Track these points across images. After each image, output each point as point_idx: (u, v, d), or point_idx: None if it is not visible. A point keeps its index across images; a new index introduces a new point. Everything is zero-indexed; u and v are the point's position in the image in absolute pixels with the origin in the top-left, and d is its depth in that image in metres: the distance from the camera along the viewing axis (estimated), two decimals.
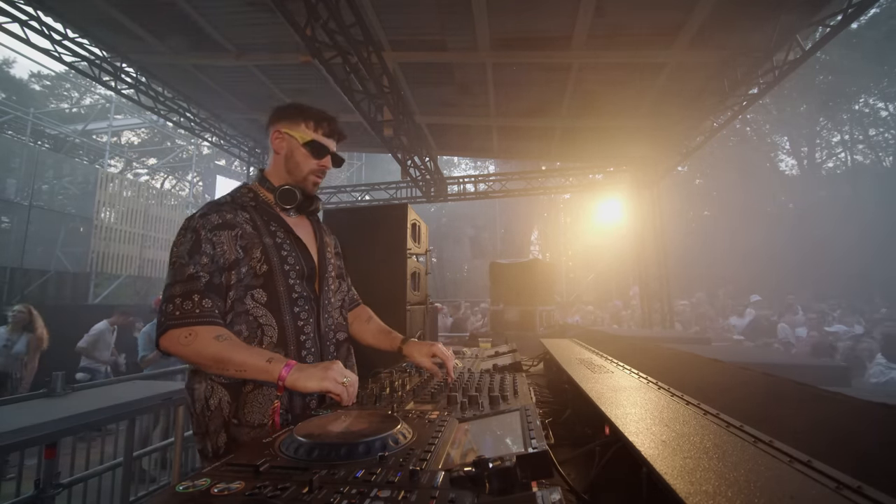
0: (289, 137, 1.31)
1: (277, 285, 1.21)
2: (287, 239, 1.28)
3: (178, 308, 1.07)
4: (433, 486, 0.56)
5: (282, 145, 1.32)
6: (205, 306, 1.09)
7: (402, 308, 2.78)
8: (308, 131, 1.32)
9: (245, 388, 1.15)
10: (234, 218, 1.21)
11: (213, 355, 1.04)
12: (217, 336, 1.06)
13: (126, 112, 15.99)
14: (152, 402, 2.58)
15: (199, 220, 1.18)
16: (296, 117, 1.32)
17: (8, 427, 1.80)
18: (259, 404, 1.14)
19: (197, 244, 1.13)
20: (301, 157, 1.32)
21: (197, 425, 1.15)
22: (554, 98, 5.93)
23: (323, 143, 1.33)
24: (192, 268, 1.11)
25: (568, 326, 6.42)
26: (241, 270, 1.17)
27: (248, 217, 1.24)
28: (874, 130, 18.03)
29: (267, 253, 1.21)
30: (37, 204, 11.13)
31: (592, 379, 1.28)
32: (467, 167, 22.61)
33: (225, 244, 1.16)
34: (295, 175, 1.33)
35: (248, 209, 1.26)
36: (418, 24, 4.64)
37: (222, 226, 1.18)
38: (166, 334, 1.06)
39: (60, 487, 2.35)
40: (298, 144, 1.31)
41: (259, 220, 1.25)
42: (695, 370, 1.39)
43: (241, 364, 1.04)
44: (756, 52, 4.61)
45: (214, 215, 1.19)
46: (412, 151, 6.93)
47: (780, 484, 0.51)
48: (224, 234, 1.17)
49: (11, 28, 4.66)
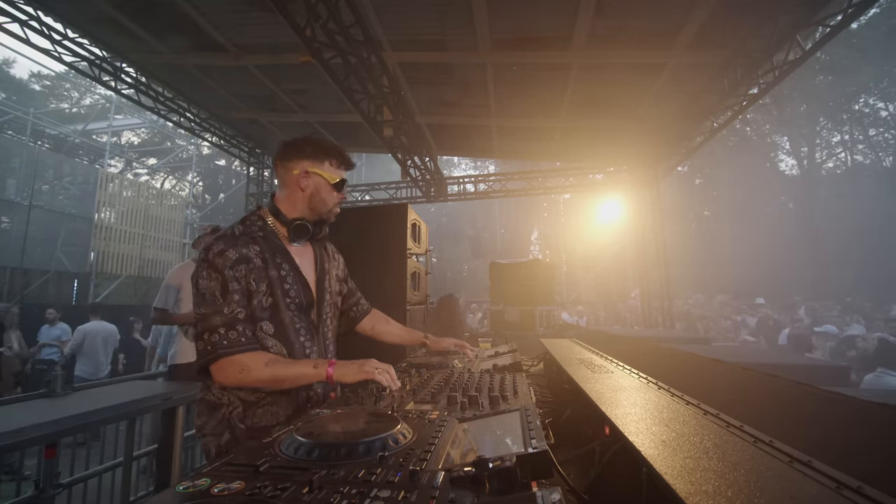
0: (316, 176, 1.36)
1: (283, 317, 1.29)
2: (291, 272, 1.33)
3: (225, 338, 1.17)
4: (433, 486, 0.56)
5: (308, 184, 1.36)
6: (248, 335, 1.21)
7: (402, 308, 2.78)
8: (333, 169, 1.38)
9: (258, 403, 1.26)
10: (248, 252, 1.26)
11: (271, 378, 1.19)
12: (266, 363, 1.19)
13: (126, 112, 15.99)
14: (152, 402, 2.58)
15: (218, 259, 1.22)
16: (319, 155, 1.37)
17: (8, 427, 1.80)
18: (269, 414, 1.26)
19: (225, 284, 1.20)
20: (327, 194, 1.38)
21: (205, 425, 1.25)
22: (554, 98, 5.93)
23: (344, 177, 1.41)
24: (227, 308, 1.20)
25: (568, 326, 6.42)
26: (253, 302, 1.25)
27: (258, 250, 1.28)
28: (874, 130, 18.03)
29: (272, 286, 1.28)
30: (37, 204, 11.14)
31: (592, 379, 1.28)
32: (467, 167, 22.62)
33: (243, 279, 1.24)
34: (320, 210, 1.39)
35: (257, 241, 1.30)
36: (418, 23, 4.64)
37: (239, 260, 1.24)
38: (218, 363, 1.17)
39: (60, 487, 2.35)
40: (327, 184, 1.37)
41: (267, 253, 1.30)
42: (695, 370, 1.39)
43: (295, 377, 1.22)
44: (756, 52, 4.61)
45: (231, 251, 1.24)
46: (412, 151, 6.93)
47: (780, 484, 0.51)
48: (242, 268, 1.24)
49: (11, 28, 4.65)
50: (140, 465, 3.72)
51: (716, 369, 1.30)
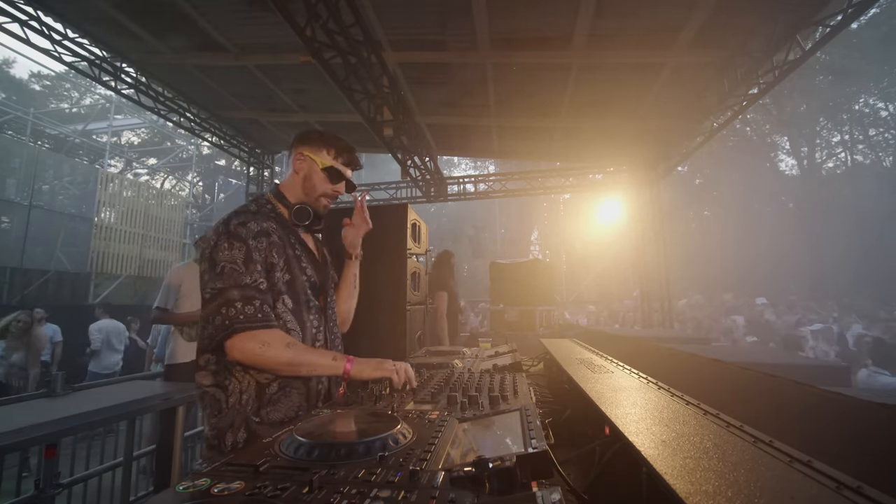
0: (310, 160, 1.40)
1: (299, 294, 1.30)
2: (303, 252, 1.36)
3: (241, 312, 1.13)
4: (433, 486, 0.56)
5: (302, 166, 1.40)
6: (265, 311, 1.17)
7: (402, 308, 2.78)
8: (328, 158, 1.41)
9: (269, 389, 1.21)
10: (267, 227, 1.26)
11: (288, 361, 1.16)
12: (287, 344, 1.17)
13: (126, 112, 15.99)
14: (152, 401, 2.58)
15: (241, 229, 1.21)
16: (319, 143, 1.42)
17: (8, 427, 1.80)
18: (281, 404, 1.21)
19: (248, 253, 1.19)
20: (318, 179, 1.40)
21: (221, 419, 1.18)
22: (554, 98, 5.93)
23: (340, 171, 1.43)
24: (249, 277, 1.17)
25: (568, 326, 6.42)
26: (275, 275, 1.24)
27: (274, 227, 1.29)
28: (874, 130, 18.04)
29: (289, 263, 1.29)
30: (37, 204, 11.14)
31: (592, 379, 1.28)
32: (467, 167, 22.65)
33: (264, 250, 1.23)
34: (309, 195, 1.41)
35: (271, 220, 1.31)
36: (418, 23, 4.64)
37: (261, 233, 1.23)
38: (238, 336, 1.12)
39: (60, 487, 2.35)
40: (318, 168, 1.40)
41: (281, 232, 1.32)
42: (695, 370, 1.39)
43: (312, 366, 1.20)
44: (756, 52, 4.60)
45: (252, 223, 1.23)
46: (412, 151, 6.92)
47: (780, 484, 0.51)
48: (264, 241, 1.23)
49: (11, 28, 4.64)
50: (140, 465, 3.72)
51: (715, 369, 1.30)
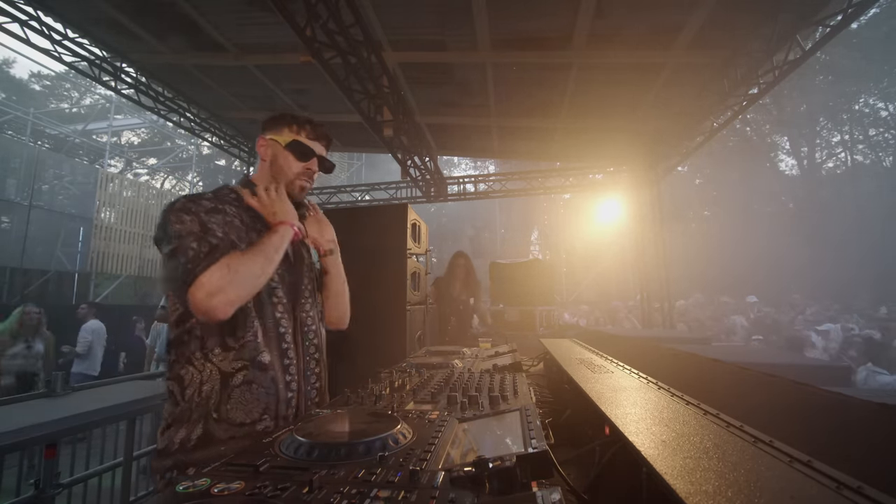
0: (273, 143, 1.31)
1: (261, 292, 1.16)
2: None
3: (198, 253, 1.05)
4: (433, 486, 0.56)
5: (267, 152, 1.32)
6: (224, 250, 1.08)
7: (402, 308, 2.78)
8: (291, 134, 1.31)
9: (233, 381, 1.10)
10: (224, 209, 1.20)
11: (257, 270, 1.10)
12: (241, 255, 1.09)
13: (126, 112, 16.00)
14: (152, 402, 2.58)
15: (191, 205, 1.13)
16: (279, 123, 1.33)
17: (8, 427, 1.80)
18: (244, 402, 1.11)
19: (203, 223, 1.11)
20: (284, 159, 1.30)
21: (181, 412, 1.10)
22: (554, 98, 5.93)
23: (306, 145, 1.32)
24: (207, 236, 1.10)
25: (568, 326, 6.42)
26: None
27: (235, 212, 1.22)
28: (874, 130, 18.04)
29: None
30: (37, 204, 11.14)
31: (592, 379, 1.28)
32: (467, 167, 22.62)
33: (221, 226, 1.14)
34: (281, 180, 1.31)
35: (233, 206, 1.24)
36: (418, 23, 4.64)
37: (214, 210, 1.16)
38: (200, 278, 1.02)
39: (60, 487, 2.35)
40: (281, 147, 1.30)
41: (246, 218, 1.24)
42: (695, 370, 1.38)
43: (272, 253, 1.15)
44: (756, 52, 4.61)
45: (205, 201, 1.17)
46: (412, 151, 6.92)
47: (780, 484, 0.51)
48: (219, 218, 1.15)
49: (11, 28, 4.65)
50: (140, 465, 3.72)
51: (715, 369, 1.30)
